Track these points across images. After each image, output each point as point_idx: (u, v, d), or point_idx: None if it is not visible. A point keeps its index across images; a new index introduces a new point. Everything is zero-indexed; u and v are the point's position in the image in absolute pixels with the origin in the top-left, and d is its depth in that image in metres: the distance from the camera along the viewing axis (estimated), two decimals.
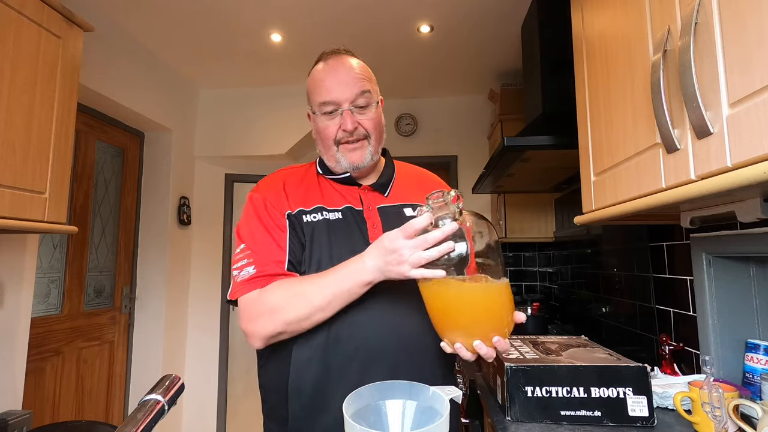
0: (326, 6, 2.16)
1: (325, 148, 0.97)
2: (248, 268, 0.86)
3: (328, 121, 0.94)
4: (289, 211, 0.92)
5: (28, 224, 1.33)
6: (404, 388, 0.65)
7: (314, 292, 0.80)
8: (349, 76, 0.93)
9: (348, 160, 0.94)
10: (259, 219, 0.92)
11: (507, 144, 1.54)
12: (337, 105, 0.92)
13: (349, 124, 0.92)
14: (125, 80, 2.38)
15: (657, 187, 0.78)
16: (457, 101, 3.26)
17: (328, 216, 0.92)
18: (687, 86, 0.64)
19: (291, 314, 0.81)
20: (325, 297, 0.80)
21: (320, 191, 0.97)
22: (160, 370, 2.67)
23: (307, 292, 0.81)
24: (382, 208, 0.96)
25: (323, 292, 0.80)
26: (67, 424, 1.44)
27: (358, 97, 0.92)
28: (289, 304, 0.81)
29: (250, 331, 0.84)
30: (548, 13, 1.85)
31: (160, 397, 0.52)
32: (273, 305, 0.82)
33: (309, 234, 0.90)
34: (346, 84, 0.92)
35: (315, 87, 0.96)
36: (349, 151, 0.94)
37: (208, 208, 3.16)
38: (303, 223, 0.91)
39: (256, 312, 0.83)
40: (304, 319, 0.81)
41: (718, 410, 0.74)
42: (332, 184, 0.99)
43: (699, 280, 1.17)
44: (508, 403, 0.96)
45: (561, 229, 2.56)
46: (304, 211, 0.93)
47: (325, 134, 0.95)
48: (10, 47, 1.28)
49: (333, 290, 0.79)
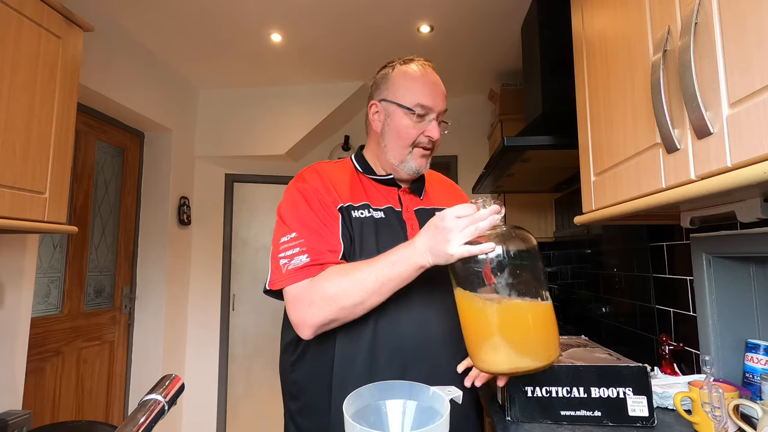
0: (326, 6, 2.16)
1: (398, 146, 0.99)
2: (300, 257, 0.85)
3: (413, 123, 0.97)
4: (340, 204, 0.93)
5: (28, 224, 1.33)
6: (404, 388, 0.65)
7: (367, 277, 0.80)
8: (441, 90, 1.00)
9: (416, 164, 0.99)
10: (311, 208, 0.91)
11: (507, 144, 1.54)
12: (430, 112, 0.97)
13: (436, 133, 0.97)
14: (125, 80, 2.38)
15: (657, 187, 0.78)
16: (457, 101, 3.26)
17: (374, 214, 0.95)
18: (687, 86, 0.64)
19: (345, 299, 0.81)
20: (378, 280, 0.79)
21: (364, 189, 1.00)
22: (160, 370, 2.67)
23: (360, 277, 0.80)
24: (418, 210, 1.01)
25: (377, 275, 0.80)
26: (67, 424, 1.44)
27: (444, 110, 0.99)
28: (343, 290, 0.81)
29: (300, 320, 0.84)
30: (548, 13, 1.85)
31: (160, 397, 0.52)
32: (326, 291, 0.81)
33: (358, 229, 0.92)
34: (441, 95, 0.99)
35: (412, 85, 0.98)
36: (420, 156, 0.99)
37: (208, 208, 3.16)
38: (352, 218, 0.93)
39: (309, 299, 0.82)
40: (358, 304, 0.81)
41: (718, 410, 0.74)
42: (373, 184, 1.02)
43: (699, 280, 1.17)
44: (508, 403, 0.96)
45: (561, 229, 2.56)
46: (352, 206, 0.95)
47: (406, 135, 0.97)
48: (10, 47, 1.28)
49: (386, 273, 0.79)
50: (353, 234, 0.91)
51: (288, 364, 0.96)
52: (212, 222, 3.18)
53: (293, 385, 0.95)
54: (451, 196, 1.13)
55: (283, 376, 0.99)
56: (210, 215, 3.17)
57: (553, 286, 2.92)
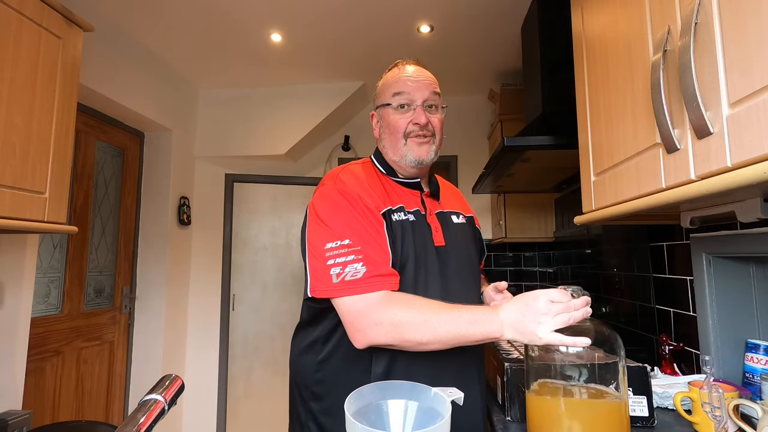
0: (326, 6, 2.16)
1: (393, 141, 1.01)
2: (356, 265, 0.84)
3: (399, 115, 1.00)
4: (382, 210, 0.93)
5: (28, 224, 1.33)
6: (405, 388, 0.65)
7: (442, 325, 0.79)
8: (423, 77, 1.02)
9: (414, 154, 0.99)
10: (359, 214, 0.90)
11: (507, 144, 1.54)
12: (412, 100, 0.99)
13: (423, 117, 0.98)
14: (125, 80, 2.38)
15: (657, 187, 0.78)
16: (457, 101, 3.26)
17: (408, 217, 0.96)
18: (687, 86, 0.64)
19: (414, 336, 0.80)
20: (450, 333, 0.79)
21: (395, 191, 1.01)
22: (160, 370, 2.67)
23: (434, 321, 0.79)
24: (438, 214, 1.03)
25: (450, 327, 0.78)
26: (67, 424, 1.44)
27: (430, 96, 1.00)
28: (414, 326, 0.80)
29: (361, 335, 0.83)
30: (548, 13, 1.85)
31: (160, 397, 0.52)
32: (399, 320, 0.81)
33: (399, 233, 0.92)
34: (422, 83, 1.00)
35: (391, 83, 1.02)
36: (417, 145, 0.99)
37: (208, 208, 3.16)
38: (393, 222, 0.93)
39: (377, 319, 0.82)
40: (423, 344, 0.80)
41: (718, 410, 0.74)
42: (399, 187, 1.03)
43: (699, 280, 1.17)
44: (508, 403, 0.96)
45: (561, 229, 2.56)
46: (391, 209, 0.96)
47: (396, 127, 1.00)
48: (10, 47, 1.27)
49: (461, 330, 0.78)
50: (395, 238, 0.91)
51: (313, 363, 0.94)
52: (212, 222, 3.18)
53: (319, 384, 0.93)
54: (458, 200, 1.15)
55: (305, 376, 0.96)
56: (210, 215, 3.17)
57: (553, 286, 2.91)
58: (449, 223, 1.04)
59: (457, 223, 1.07)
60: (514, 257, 3.27)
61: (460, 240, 1.04)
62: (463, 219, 1.10)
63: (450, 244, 0.99)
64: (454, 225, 1.05)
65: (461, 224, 1.08)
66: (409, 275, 0.91)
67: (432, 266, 0.94)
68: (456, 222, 1.06)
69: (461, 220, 1.09)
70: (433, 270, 0.94)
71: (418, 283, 0.91)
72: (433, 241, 0.96)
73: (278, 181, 3.33)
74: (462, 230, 1.07)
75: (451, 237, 1.01)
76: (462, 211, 1.11)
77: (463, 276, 1.00)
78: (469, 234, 1.09)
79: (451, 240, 1.00)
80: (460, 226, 1.07)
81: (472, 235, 1.10)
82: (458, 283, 0.97)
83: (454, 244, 1.01)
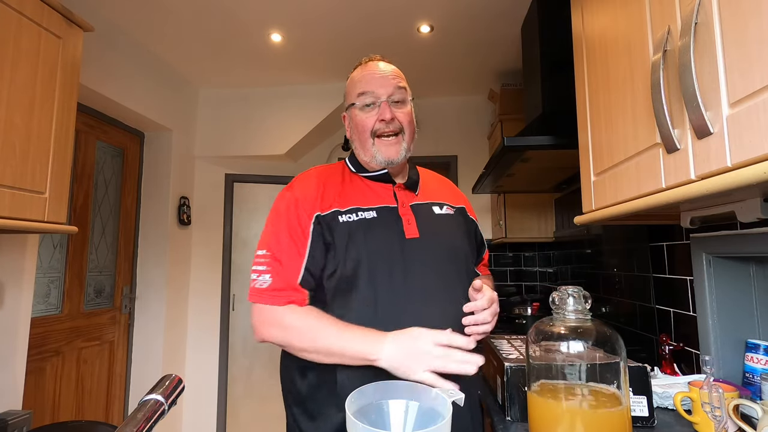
0: (326, 6, 2.16)
1: (361, 141, 1.01)
2: (265, 276, 0.92)
3: (365, 114, 0.99)
4: (318, 213, 0.95)
5: (28, 224, 1.33)
6: (406, 389, 0.65)
7: (325, 339, 0.85)
8: (386, 72, 1.01)
9: (383, 155, 0.99)
10: (287, 221, 0.95)
11: (507, 144, 1.54)
12: (376, 97, 0.98)
13: (387, 113, 0.97)
14: (125, 80, 2.38)
15: (657, 187, 0.78)
16: (457, 101, 3.26)
17: (364, 215, 0.96)
18: (687, 86, 0.64)
19: (298, 342, 0.87)
20: (330, 349, 0.84)
21: (355, 191, 1.01)
22: (160, 370, 2.67)
23: (320, 335, 0.85)
24: (414, 206, 1.01)
25: (331, 343, 0.84)
26: (67, 424, 1.44)
27: (395, 91, 0.99)
28: (301, 334, 0.87)
29: (258, 332, 0.92)
30: (548, 13, 1.85)
31: (160, 397, 0.52)
32: (288, 324, 0.88)
33: (345, 234, 0.93)
34: (386, 79, 1.00)
35: (355, 83, 1.02)
36: (385, 146, 0.99)
37: (208, 208, 3.16)
38: (339, 224, 0.94)
39: (270, 321, 0.90)
40: (307, 352, 0.87)
41: (718, 410, 0.74)
42: (366, 182, 1.03)
43: (699, 280, 1.17)
44: (508, 403, 0.96)
45: (561, 229, 2.56)
46: (339, 211, 0.96)
47: (363, 126, 0.99)
48: (10, 47, 1.27)
49: (340, 348, 0.83)
50: (334, 241, 0.92)
51: (292, 369, 0.96)
52: (212, 222, 3.18)
53: (298, 390, 0.95)
54: (447, 191, 1.12)
55: (287, 380, 0.99)
56: (210, 215, 3.17)
57: (553, 286, 2.92)
58: (429, 214, 1.02)
59: (440, 214, 1.04)
60: (514, 257, 3.27)
61: (444, 230, 1.01)
62: (449, 209, 1.07)
63: (426, 236, 0.97)
64: (435, 216, 1.02)
65: (446, 215, 1.05)
66: (363, 273, 0.90)
67: (396, 260, 0.92)
68: (438, 213, 1.04)
69: (446, 211, 1.06)
70: (397, 264, 0.92)
71: (376, 278, 0.90)
72: (404, 234, 0.95)
73: (278, 181, 3.32)
74: (446, 221, 1.04)
75: (429, 228, 0.98)
76: (449, 202, 1.08)
77: (443, 268, 0.96)
78: (456, 224, 1.06)
79: (430, 231, 0.98)
80: (444, 217, 1.04)
81: (460, 226, 1.07)
82: (433, 275, 0.93)
83: (433, 235, 0.98)
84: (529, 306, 2.55)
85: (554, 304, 0.75)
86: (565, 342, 0.73)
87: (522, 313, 2.50)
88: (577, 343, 0.72)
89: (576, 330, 0.72)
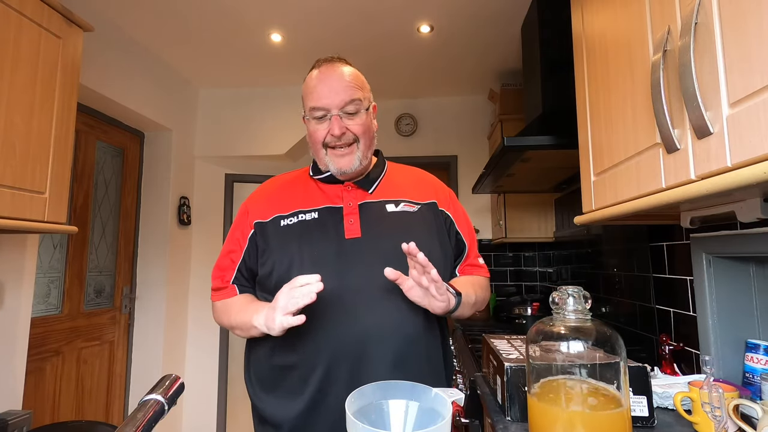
0: (326, 6, 2.16)
1: (315, 151, 1.03)
2: (216, 277, 1.07)
3: (318, 125, 0.99)
4: (259, 220, 1.02)
5: (28, 224, 1.33)
6: (406, 389, 0.65)
7: (233, 315, 1.00)
8: (340, 83, 0.98)
9: (336, 165, 1.00)
10: (233, 230, 1.07)
11: (507, 144, 1.54)
12: (327, 110, 0.97)
13: (336, 129, 0.96)
14: (125, 80, 2.38)
15: (657, 187, 0.78)
16: (457, 101, 3.26)
17: (304, 217, 0.99)
18: (687, 86, 0.64)
19: (221, 319, 1.06)
20: (232, 321, 1.00)
21: (305, 194, 1.04)
22: (160, 370, 2.67)
23: (231, 314, 1.01)
24: (363, 204, 1.01)
25: (234, 319, 0.99)
26: (67, 424, 1.44)
27: (347, 104, 0.97)
28: (224, 315, 1.04)
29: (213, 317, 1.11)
30: (548, 14, 1.85)
31: (160, 397, 0.52)
32: (217, 308, 1.07)
33: (280, 238, 0.98)
34: (337, 91, 0.97)
35: (308, 93, 1.01)
36: (338, 157, 0.99)
37: (208, 208, 3.16)
38: (279, 228, 0.99)
39: (214, 309, 1.09)
40: (232, 329, 1.02)
41: (718, 410, 0.74)
42: (318, 184, 1.06)
43: (699, 280, 1.17)
44: (508, 403, 0.96)
45: (561, 229, 2.56)
46: (281, 216, 1.00)
47: (315, 138, 1.00)
48: (10, 47, 1.28)
49: (240, 322, 0.97)
50: (269, 245, 0.99)
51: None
52: (212, 222, 3.18)
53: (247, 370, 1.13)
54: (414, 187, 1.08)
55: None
56: (210, 215, 3.17)
57: (553, 286, 2.92)
58: (379, 212, 1.00)
59: (393, 212, 1.01)
60: (514, 257, 3.27)
61: (394, 229, 0.98)
62: (409, 206, 1.03)
63: (369, 235, 0.96)
64: (386, 214, 1.00)
65: (401, 212, 1.01)
66: (295, 273, 0.89)
67: (330, 261, 0.94)
68: (392, 211, 1.01)
69: (404, 208, 1.02)
70: (331, 264, 0.94)
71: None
72: (343, 234, 0.96)
73: None
74: (399, 218, 1.01)
75: (374, 227, 0.97)
76: (412, 198, 1.04)
77: (386, 266, 0.88)
78: (414, 222, 1.01)
79: (375, 230, 0.97)
80: (397, 215, 1.01)
81: (422, 223, 1.02)
82: (373, 275, 0.90)
83: (378, 235, 0.97)
84: (529, 306, 2.55)
85: (554, 304, 0.75)
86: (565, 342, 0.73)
87: (522, 313, 2.51)
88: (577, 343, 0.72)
89: (576, 330, 0.72)
